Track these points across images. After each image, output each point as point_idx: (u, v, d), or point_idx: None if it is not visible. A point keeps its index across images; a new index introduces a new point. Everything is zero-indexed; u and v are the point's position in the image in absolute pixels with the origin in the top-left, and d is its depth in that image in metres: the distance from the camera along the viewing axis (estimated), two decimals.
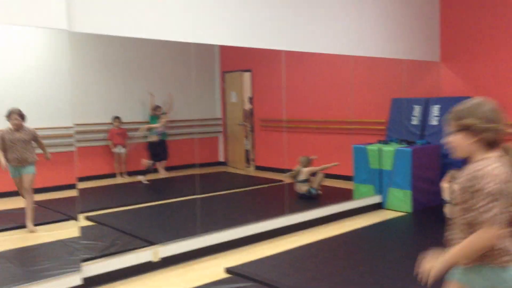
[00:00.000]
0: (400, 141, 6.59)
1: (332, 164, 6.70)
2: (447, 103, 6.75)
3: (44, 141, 7.40)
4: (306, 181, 6.59)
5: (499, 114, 1.84)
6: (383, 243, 4.92)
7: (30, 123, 7.34)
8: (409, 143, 6.52)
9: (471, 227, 1.83)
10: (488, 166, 1.79)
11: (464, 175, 1.85)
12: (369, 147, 6.47)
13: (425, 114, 6.92)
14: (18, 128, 5.29)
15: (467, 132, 1.84)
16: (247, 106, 9.64)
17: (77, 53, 7.39)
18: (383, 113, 7.38)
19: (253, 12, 4.92)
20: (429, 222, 5.68)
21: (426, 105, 6.93)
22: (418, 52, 6.84)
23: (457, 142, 1.89)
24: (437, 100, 6.87)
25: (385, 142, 6.65)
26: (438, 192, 6.50)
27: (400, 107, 7.11)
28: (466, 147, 1.86)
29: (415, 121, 7.00)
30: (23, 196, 5.36)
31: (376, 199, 6.37)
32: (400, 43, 6.53)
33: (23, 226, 5.19)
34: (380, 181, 6.36)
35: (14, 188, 7.07)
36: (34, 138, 5.45)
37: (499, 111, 1.85)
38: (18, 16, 3.39)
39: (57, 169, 6.86)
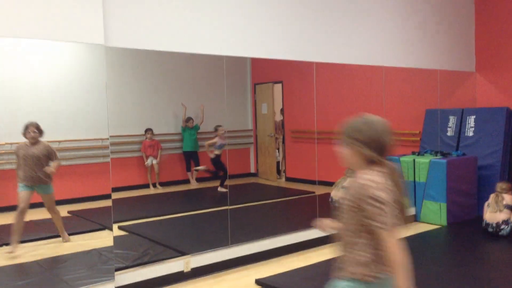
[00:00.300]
0: (435, 153, 6.46)
1: None
2: (483, 113, 6.59)
3: (80, 153, 7.64)
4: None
5: (384, 133, 1.98)
6: (417, 257, 4.79)
7: (66, 136, 7.59)
8: (444, 154, 6.37)
9: (369, 234, 1.91)
10: (370, 176, 1.90)
11: (350, 186, 1.96)
12: (403, 158, 6.36)
13: (461, 125, 6.77)
14: (35, 142, 4.99)
15: (353, 146, 1.97)
16: (278, 117, 9.65)
17: (113, 66, 7.59)
18: (417, 124, 7.25)
19: (284, 24, 4.95)
20: (465, 236, 5.52)
21: (462, 116, 6.78)
22: (453, 62, 6.71)
23: (344, 154, 2.03)
24: (472, 111, 6.70)
25: (419, 154, 6.53)
26: (474, 205, 6.32)
27: (435, 118, 6.97)
28: (352, 159, 2.00)
29: (450, 132, 6.85)
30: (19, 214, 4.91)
31: (410, 211, 6.24)
32: (434, 53, 6.42)
33: (58, 235, 5.31)
34: (414, 193, 6.24)
35: (60, 197, 7.30)
36: (49, 153, 5.07)
37: (386, 130, 2.01)
38: (56, 32, 3.52)
39: (93, 180, 7.03)
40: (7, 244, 5.24)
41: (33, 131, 4.98)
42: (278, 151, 9.57)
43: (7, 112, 7.16)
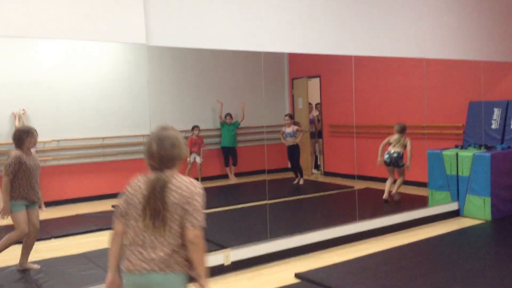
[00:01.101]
0: (479, 146, 6.29)
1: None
2: None
3: (124, 149, 7.87)
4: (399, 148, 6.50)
5: (152, 145, 2.18)
6: (460, 253, 4.70)
7: (110, 132, 7.83)
8: (488, 148, 6.19)
9: None
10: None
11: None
12: (445, 152, 6.23)
13: (506, 118, 6.55)
14: (30, 149, 4.20)
15: None
16: (314, 112, 9.61)
17: (153, 64, 7.76)
18: (460, 117, 7.08)
19: (322, 18, 4.92)
20: (509, 231, 5.36)
21: (507, 108, 6.56)
22: (498, 53, 6.49)
23: None
24: None
25: (463, 147, 6.37)
26: None
27: (479, 110, 6.78)
28: None
29: (494, 125, 6.65)
30: (27, 233, 4.22)
31: (452, 206, 6.10)
32: (477, 44, 6.23)
33: (105, 228, 5.50)
34: (457, 187, 6.10)
35: (97, 192, 7.56)
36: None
37: (155, 142, 2.19)
38: (100, 33, 3.63)
39: (135, 175, 7.20)
40: (56, 237, 5.48)
41: (37, 135, 4.23)
42: (314, 146, 9.54)
43: (54, 110, 7.46)
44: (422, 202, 6.18)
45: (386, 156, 6.55)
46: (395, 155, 6.48)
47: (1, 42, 7.03)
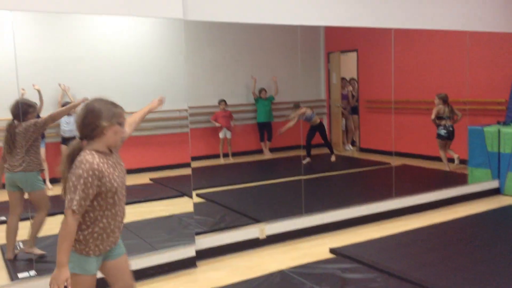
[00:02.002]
0: None
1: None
2: None
3: (160, 123, 7.99)
4: (449, 118, 6.55)
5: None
6: (500, 231, 4.59)
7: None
8: None
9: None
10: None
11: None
12: (487, 128, 6.04)
13: None
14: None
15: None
16: (348, 87, 9.44)
17: (189, 39, 7.77)
18: (503, 92, 6.81)
19: None
20: None
21: None
22: None
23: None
24: None
25: (505, 123, 6.15)
26: None
27: None
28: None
29: None
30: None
31: (493, 184, 5.95)
32: None
33: (143, 200, 5.64)
34: (498, 165, 5.92)
35: (136, 166, 7.73)
36: None
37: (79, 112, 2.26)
38: (137, 8, 3.65)
39: (172, 149, 7.33)
40: None
41: None
42: (346, 122, 9.40)
43: (92, 86, 7.60)
44: (461, 179, 6.04)
45: (443, 131, 6.49)
46: (451, 128, 6.47)
47: (46, 19, 7.17)
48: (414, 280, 3.43)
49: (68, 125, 6.87)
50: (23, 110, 3.92)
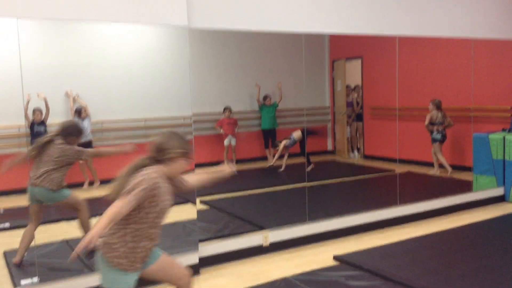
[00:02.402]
0: None
1: None
2: None
3: (164, 130, 7.99)
4: (441, 124, 6.72)
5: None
6: (504, 238, 4.56)
7: (152, 114, 7.97)
8: None
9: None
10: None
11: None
12: (492, 135, 6.01)
13: None
14: None
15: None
16: (353, 94, 9.44)
17: (194, 46, 7.80)
18: (508, 100, 6.79)
19: None
20: None
21: None
22: None
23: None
24: None
25: (510, 131, 6.13)
26: None
27: None
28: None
29: None
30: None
31: (498, 191, 5.92)
32: None
33: None
34: (503, 172, 5.89)
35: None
36: None
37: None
38: (143, 16, 3.69)
39: None
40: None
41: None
42: (350, 129, 9.39)
43: (98, 92, 7.64)
44: (466, 187, 6.02)
45: (438, 135, 6.64)
46: (444, 132, 6.63)
47: (51, 26, 7.23)
48: (418, 287, 3.41)
49: (86, 130, 6.90)
50: (71, 131, 4.12)
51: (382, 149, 8.55)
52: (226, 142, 8.44)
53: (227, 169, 2.99)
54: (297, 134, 8.18)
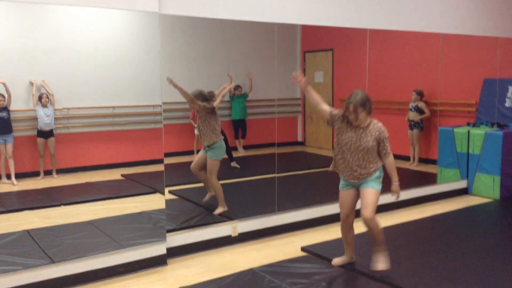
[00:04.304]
0: (491, 124, 6.20)
1: None
2: None
3: (133, 119, 7.89)
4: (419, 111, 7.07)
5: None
6: (467, 230, 4.70)
7: (120, 102, 7.83)
8: (501, 126, 6.12)
9: (378, 157, 3.57)
10: (379, 123, 3.55)
11: (374, 130, 3.50)
12: (457, 129, 6.16)
13: None
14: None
15: (366, 110, 3.47)
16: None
17: (164, 33, 7.67)
18: (474, 94, 6.96)
19: None
20: None
21: None
22: None
23: (362, 117, 3.46)
24: None
25: (475, 125, 6.29)
26: None
27: (493, 88, 6.66)
28: (365, 118, 3.49)
29: (508, 103, 6.54)
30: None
31: (461, 184, 6.08)
32: (495, 20, 6.08)
33: (114, 197, 5.56)
34: (466, 165, 6.05)
35: (107, 161, 7.63)
36: None
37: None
38: (112, 0, 3.58)
39: (145, 145, 7.24)
40: (65, 204, 5.55)
41: None
42: None
43: (64, 78, 7.45)
44: (431, 179, 6.15)
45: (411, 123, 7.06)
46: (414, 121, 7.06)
47: (20, 10, 6.98)
48: (381, 277, 3.48)
49: (48, 118, 6.73)
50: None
51: None
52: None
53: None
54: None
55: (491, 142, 5.77)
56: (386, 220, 4.97)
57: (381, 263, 3.50)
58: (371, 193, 3.47)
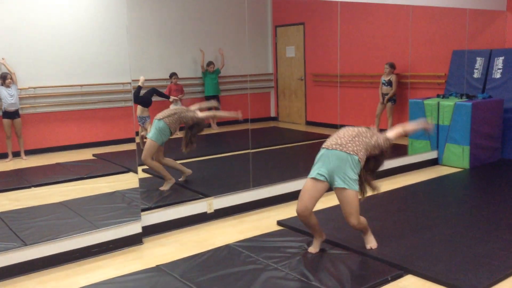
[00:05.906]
0: (460, 95, 6.32)
1: None
2: None
3: (102, 97, 7.72)
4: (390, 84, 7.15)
5: None
6: (438, 199, 4.82)
7: (88, 80, 7.64)
8: (470, 97, 6.23)
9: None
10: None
11: None
12: (427, 101, 6.25)
13: (488, 67, 6.56)
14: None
15: None
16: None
17: (133, 9, 7.48)
18: (443, 66, 7.06)
19: None
20: (486, 179, 5.50)
21: (490, 57, 6.56)
22: (483, 0, 6.41)
23: None
24: (501, 52, 6.47)
25: (444, 96, 6.39)
26: (498, 148, 6.24)
27: (462, 59, 6.76)
28: None
29: (476, 74, 6.66)
30: None
31: (432, 154, 6.20)
32: None
33: (86, 177, 5.47)
34: (437, 136, 6.17)
35: (77, 141, 7.49)
36: None
37: None
38: None
39: (115, 124, 7.11)
40: (36, 186, 5.43)
41: None
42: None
43: (30, 57, 7.20)
44: (402, 150, 6.26)
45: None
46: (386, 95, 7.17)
47: None
48: (355, 248, 3.54)
49: (12, 98, 6.52)
50: None
51: (324, 115, 8.71)
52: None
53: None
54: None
55: (460, 113, 5.89)
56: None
57: (371, 243, 3.54)
58: (352, 198, 3.34)
